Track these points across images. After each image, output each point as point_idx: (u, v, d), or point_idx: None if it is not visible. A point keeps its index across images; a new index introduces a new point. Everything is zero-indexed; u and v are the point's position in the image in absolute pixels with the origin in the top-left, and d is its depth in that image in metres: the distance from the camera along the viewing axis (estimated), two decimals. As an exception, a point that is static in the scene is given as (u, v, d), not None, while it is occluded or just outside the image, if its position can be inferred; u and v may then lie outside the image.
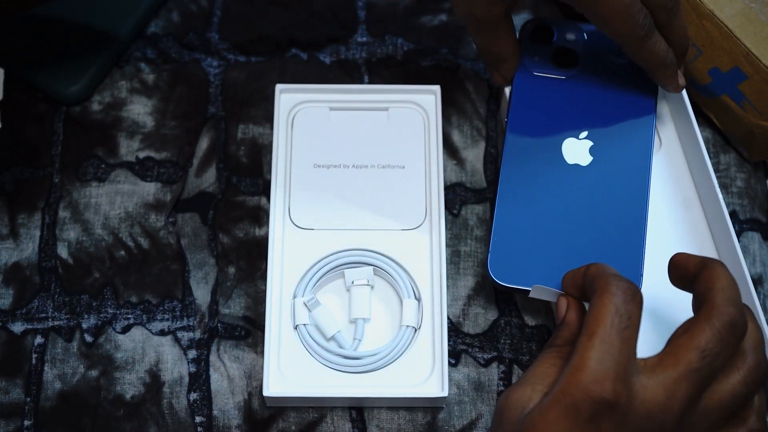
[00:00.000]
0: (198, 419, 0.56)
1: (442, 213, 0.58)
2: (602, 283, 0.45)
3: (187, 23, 0.67)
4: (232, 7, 0.68)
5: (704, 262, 0.47)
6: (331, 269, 0.58)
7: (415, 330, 0.56)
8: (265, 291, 0.58)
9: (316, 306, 0.57)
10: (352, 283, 0.57)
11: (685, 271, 0.48)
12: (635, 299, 0.44)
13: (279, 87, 0.62)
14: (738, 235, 0.61)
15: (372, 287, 0.58)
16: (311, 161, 0.61)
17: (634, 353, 0.43)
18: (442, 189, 0.59)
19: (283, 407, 0.56)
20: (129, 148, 0.63)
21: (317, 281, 0.57)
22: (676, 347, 0.44)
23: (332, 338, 0.56)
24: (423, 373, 0.56)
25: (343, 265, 0.58)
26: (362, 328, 0.57)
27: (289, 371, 0.55)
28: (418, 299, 0.57)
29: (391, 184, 0.60)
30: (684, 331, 0.44)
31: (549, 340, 0.49)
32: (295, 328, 0.56)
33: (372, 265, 0.58)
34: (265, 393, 0.54)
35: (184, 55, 0.66)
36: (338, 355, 0.56)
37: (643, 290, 0.55)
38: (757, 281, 0.60)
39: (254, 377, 0.57)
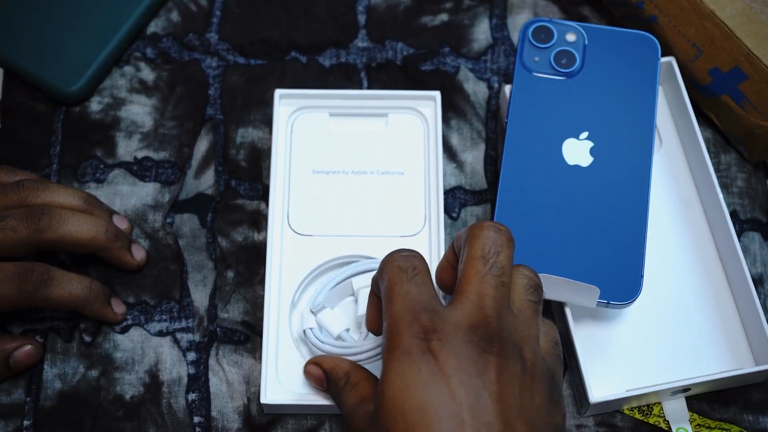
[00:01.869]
0: (196, 419, 0.56)
1: (441, 220, 0.58)
2: (384, 261, 0.48)
3: (187, 23, 0.67)
4: (232, 8, 0.68)
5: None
6: (339, 282, 0.57)
7: None
8: (263, 296, 0.58)
9: (322, 310, 0.56)
10: (359, 287, 0.57)
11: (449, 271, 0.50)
12: (412, 255, 0.47)
13: (278, 92, 0.62)
14: (738, 235, 0.61)
15: None
16: (310, 167, 0.61)
17: (434, 292, 0.46)
18: (441, 195, 0.59)
19: (281, 413, 0.56)
20: (127, 148, 0.63)
21: (326, 293, 0.57)
22: (462, 275, 0.46)
23: (339, 337, 0.56)
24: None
25: (350, 276, 0.57)
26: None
27: (287, 379, 0.55)
28: None
29: (391, 190, 0.60)
30: (460, 263, 0.47)
31: (338, 396, 0.51)
32: (303, 332, 0.56)
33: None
34: (263, 400, 0.54)
35: (184, 55, 0.66)
36: (346, 347, 0.54)
37: (644, 290, 0.55)
38: (758, 281, 0.60)
39: (253, 383, 0.57)
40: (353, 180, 0.60)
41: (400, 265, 0.46)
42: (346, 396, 0.49)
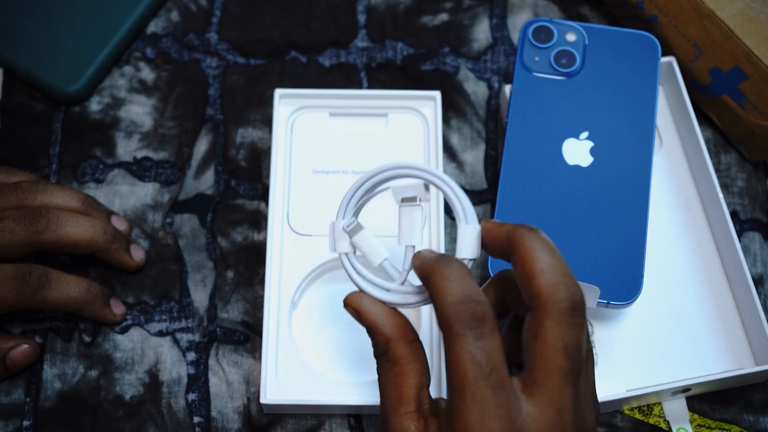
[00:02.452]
0: (196, 419, 0.56)
1: (441, 219, 0.58)
2: (443, 318, 0.41)
3: (187, 23, 0.67)
4: (232, 8, 0.68)
5: (510, 238, 0.43)
6: (372, 186, 0.48)
7: (473, 262, 0.46)
8: (263, 296, 0.58)
9: (359, 231, 0.48)
10: (401, 200, 0.47)
11: (494, 247, 0.44)
12: (484, 328, 0.40)
13: (278, 92, 0.62)
14: (739, 236, 0.61)
15: (423, 209, 0.47)
16: (310, 167, 0.61)
17: (510, 389, 0.40)
18: (441, 196, 0.59)
19: (281, 413, 0.56)
20: (127, 148, 0.63)
21: (357, 202, 0.48)
22: (539, 357, 0.41)
23: (379, 267, 0.48)
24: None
25: (387, 180, 0.47)
26: (410, 259, 0.46)
27: (286, 379, 0.55)
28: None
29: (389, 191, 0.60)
30: (533, 336, 0.41)
31: (374, 352, 0.45)
32: (339, 256, 0.48)
33: (423, 179, 0.46)
34: (263, 400, 0.54)
35: (184, 55, 0.66)
36: (389, 291, 0.46)
37: (644, 290, 0.55)
38: (758, 281, 0.60)
39: (252, 383, 0.57)
40: (353, 180, 0.60)
41: (472, 353, 0.40)
42: (382, 371, 0.44)
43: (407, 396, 0.43)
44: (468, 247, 0.45)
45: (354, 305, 0.45)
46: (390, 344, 0.44)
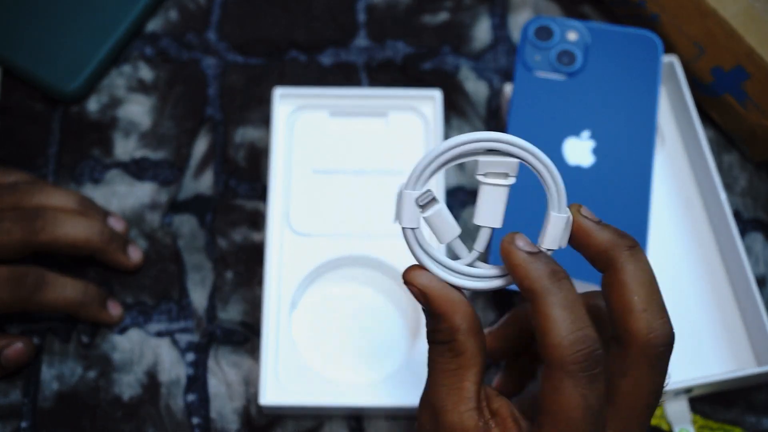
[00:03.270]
0: (195, 420, 0.56)
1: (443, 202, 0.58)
2: (555, 354, 0.38)
3: (186, 22, 0.67)
4: (231, 7, 0.68)
5: (610, 256, 0.40)
6: (456, 156, 0.41)
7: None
8: (262, 297, 0.57)
9: (433, 205, 0.42)
10: (485, 175, 0.42)
11: (587, 251, 0.42)
12: (597, 371, 0.38)
13: (278, 91, 0.61)
14: (741, 236, 0.60)
15: (508, 190, 0.42)
16: (310, 166, 0.60)
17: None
18: (442, 197, 0.59)
19: (280, 415, 0.56)
20: (125, 148, 0.63)
21: (434, 171, 0.41)
22: (628, 396, 0.39)
23: (447, 246, 0.46)
24: (421, 381, 0.55)
25: (476, 151, 0.41)
26: (486, 240, 0.42)
27: (285, 380, 0.55)
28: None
29: (391, 190, 0.59)
30: (622, 373, 0.39)
31: (430, 335, 0.42)
32: (403, 231, 0.42)
33: (520, 158, 0.41)
34: (262, 402, 0.54)
35: (183, 55, 0.66)
36: (460, 273, 0.42)
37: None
38: (761, 282, 0.60)
39: (252, 383, 0.57)
40: (353, 179, 0.60)
41: (586, 398, 0.38)
42: (442, 361, 0.41)
43: (469, 392, 0.40)
44: (555, 238, 0.42)
45: (420, 286, 0.41)
46: (457, 335, 0.40)
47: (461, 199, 0.62)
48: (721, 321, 0.58)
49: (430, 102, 0.62)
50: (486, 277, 0.42)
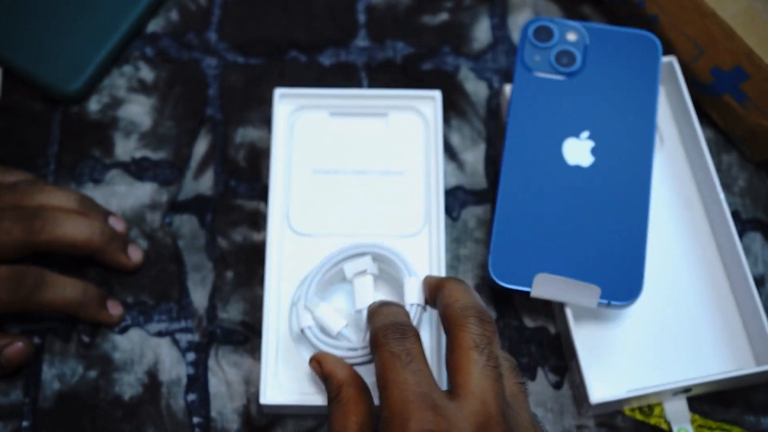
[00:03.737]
0: (196, 420, 0.56)
1: (441, 220, 0.58)
2: (375, 338, 0.47)
3: (186, 23, 0.67)
4: (232, 7, 0.68)
5: (438, 285, 0.50)
6: (329, 269, 0.56)
7: (422, 308, 0.54)
8: (263, 297, 0.57)
9: (317, 305, 0.55)
10: (354, 275, 0.55)
11: (429, 293, 0.52)
12: (404, 338, 0.46)
13: (278, 91, 0.61)
14: (740, 236, 0.60)
15: (374, 276, 0.56)
16: (310, 166, 0.60)
17: (433, 381, 0.45)
18: (442, 195, 0.59)
19: (281, 414, 0.56)
20: (125, 148, 0.63)
21: (317, 285, 0.56)
22: (456, 363, 0.45)
23: (339, 334, 0.54)
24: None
25: (340, 261, 0.56)
26: (365, 318, 0.53)
27: (286, 379, 0.55)
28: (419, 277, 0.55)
29: (391, 190, 0.60)
30: (450, 350, 0.46)
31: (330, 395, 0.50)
32: (301, 331, 0.54)
33: (368, 253, 0.56)
34: (262, 401, 0.54)
35: (183, 55, 0.66)
36: (349, 349, 0.53)
37: (645, 291, 0.55)
38: (759, 282, 0.60)
39: (252, 383, 0.57)
40: (353, 180, 0.60)
41: (392, 351, 0.45)
42: (332, 410, 0.49)
43: (350, 431, 0.47)
44: (415, 294, 0.53)
45: (317, 358, 0.52)
46: (342, 388, 0.49)
47: (461, 199, 0.62)
48: (720, 321, 0.58)
49: (430, 102, 0.62)
50: (360, 348, 0.53)
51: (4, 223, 0.54)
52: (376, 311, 0.50)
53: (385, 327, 0.47)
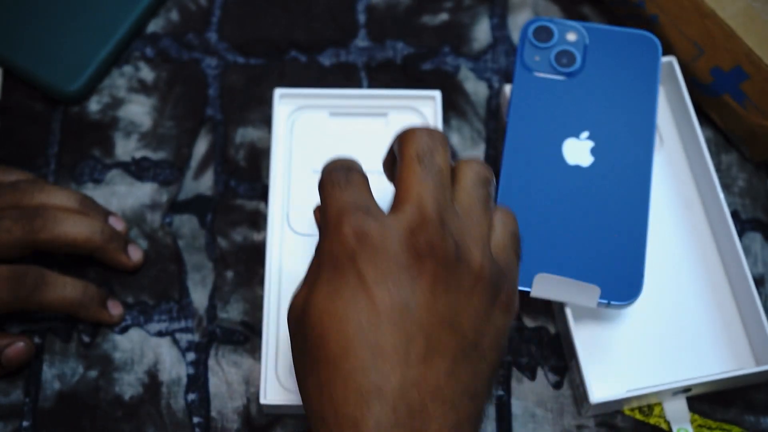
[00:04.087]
0: (196, 420, 0.56)
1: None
2: (320, 181, 0.46)
3: (187, 23, 0.67)
4: (232, 8, 0.68)
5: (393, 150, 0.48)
6: None
7: None
8: (263, 297, 0.58)
9: None
10: None
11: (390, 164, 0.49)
12: (346, 166, 0.46)
13: (278, 91, 0.62)
14: (739, 236, 0.60)
15: None
16: (310, 166, 0.60)
17: (372, 199, 0.45)
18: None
19: (281, 414, 0.56)
20: (125, 148, 0.63)
21: None
22: (399, 178, 0.45)
23: None
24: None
25: None
26: None
27: (286, 379, 0.55)
28: None
29: (391, 190, 0.60)
30: (396, 168, 0.45)
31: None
32: None
33: None
34: (262, 401, 0.54)
35: (183, 55, 0.66)
36: None
37: (645, 290, 0.55)
38: (759, 282, 0.60)
39: (252, 383, 0.57)
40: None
41: (333, 180, 0.45)
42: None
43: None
44: None
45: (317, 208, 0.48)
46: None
47: (461, 199, 0.62)
48: (720, 320, 0.58)
49: (430, 102, 0.62)
50: None
51: (4, 222, 0.54)
52: (326, 164, 0.48)
53: (331, 167, 0.46)
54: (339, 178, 0.45)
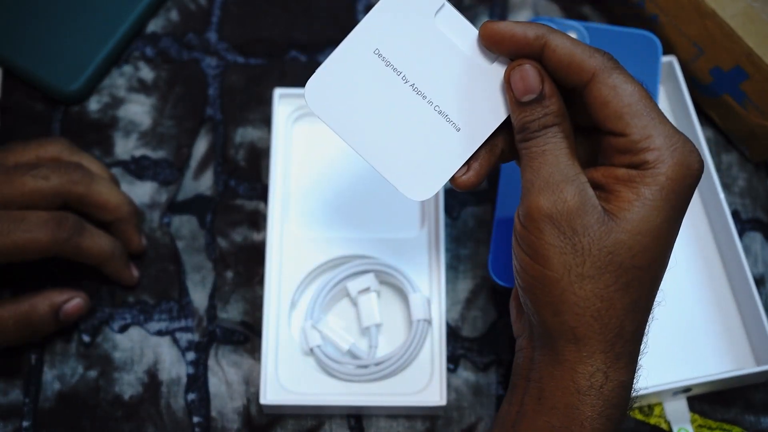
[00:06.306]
0: (196, 419, 0.56)
1: (441, 220, 0.58)
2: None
3: (187, 23, 0.67)
4: (232, 8, 0.68)
5: (540, 43, 0.45)
6: (333, 287, 0.57)
7: (428, 323, 0.56)
8: (263, 297, 0.58)
9: (325, 324, 0.57)
10: (357, 293, 0.57)
11: (518, 47, 0.45)
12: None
13: (278, 91, 0.61)
14: (740, 235, 0.60)
15: (378, 293, 0.57)
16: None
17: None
18: (441, 195, 0.59)
19: (281, 414, 0.56)
20: (125, 147, 0.63)
21: (322, 304, 0.57)
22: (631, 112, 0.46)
23: (348, 352, 0.56)
24: (422, 381, 0.55)
25: (344, 280, 0.57)
26: (375, 335, 0.56)
27: (286, 379, 0.55)
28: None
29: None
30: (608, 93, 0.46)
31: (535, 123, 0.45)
32: (311, 350, 0.56)
33: (372, 270, 0.57)
34: (262, 401, 0.54)
35: (183, 55, 0.66)
36: (358, 366, 0.55)
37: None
38: (759, 281, 0.60)
39: (252, 383, 0.57)
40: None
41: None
42: (551, 142, 0.46)
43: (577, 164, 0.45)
44: (420, 310, 0.56)
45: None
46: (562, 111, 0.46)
47: (461, 199, 0.62)
48: (720, 320, 0.58)
49: (429, 102, 0.62)
50: (382, 362, 0.55)
51: (42, 170, 0.54)
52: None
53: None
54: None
